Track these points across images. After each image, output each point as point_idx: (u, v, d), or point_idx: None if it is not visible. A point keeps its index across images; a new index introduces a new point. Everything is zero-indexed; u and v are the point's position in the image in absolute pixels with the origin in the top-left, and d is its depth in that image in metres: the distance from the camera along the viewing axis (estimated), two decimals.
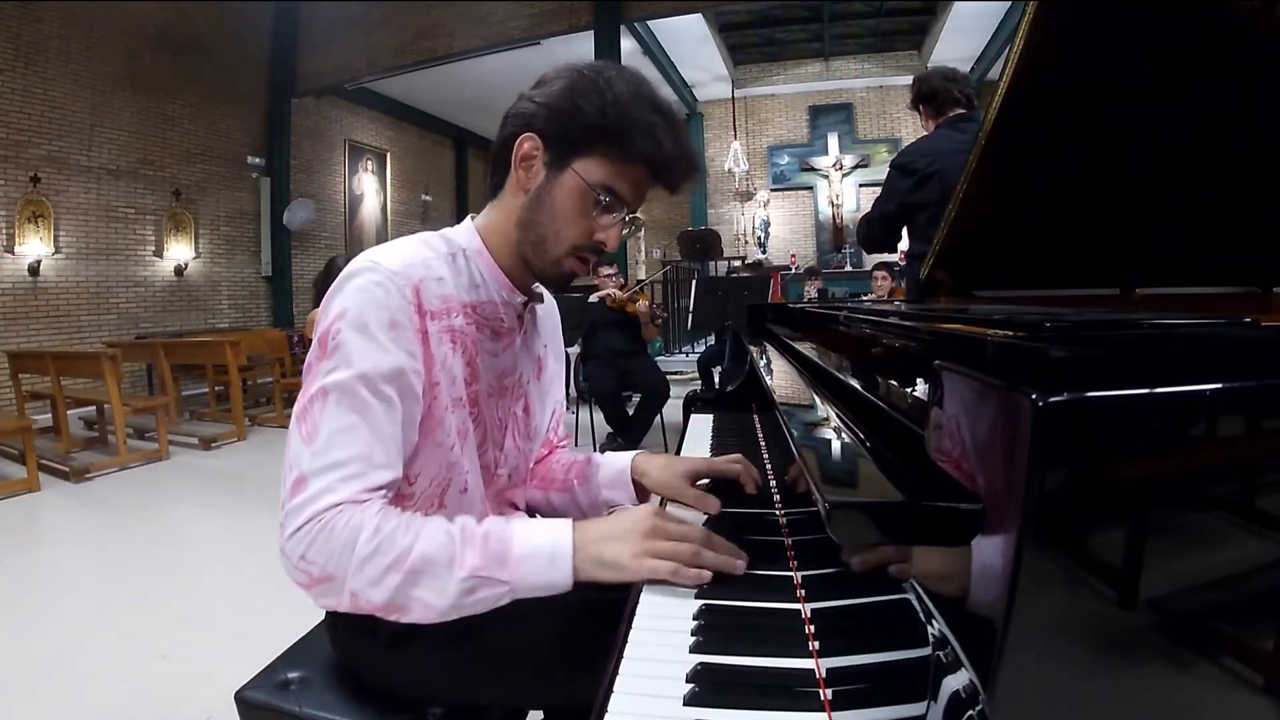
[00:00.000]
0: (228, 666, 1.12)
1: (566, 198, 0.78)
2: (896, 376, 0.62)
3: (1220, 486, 0.34)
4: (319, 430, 0.68)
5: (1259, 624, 0.34)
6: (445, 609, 0.67)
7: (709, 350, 5.31)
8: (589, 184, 0.77)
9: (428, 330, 0.76)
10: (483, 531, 0.69)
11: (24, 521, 3.46)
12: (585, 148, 0.77)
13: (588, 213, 0.79)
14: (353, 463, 0.68)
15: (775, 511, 0.88)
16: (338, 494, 0.67)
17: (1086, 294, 1.10)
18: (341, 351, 0.70)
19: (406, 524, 0.68)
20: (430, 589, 0.66)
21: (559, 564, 0.68)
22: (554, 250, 0.81)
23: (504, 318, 0.86)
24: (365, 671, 0.84)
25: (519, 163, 0.79)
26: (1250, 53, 0.74)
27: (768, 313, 1.86)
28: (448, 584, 0.66)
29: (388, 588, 0.66)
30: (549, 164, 0.78)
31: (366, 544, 0.65)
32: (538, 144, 0.78)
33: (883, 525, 0.45)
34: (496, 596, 0.68)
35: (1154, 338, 0.51)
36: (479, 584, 0.66)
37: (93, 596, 2.48)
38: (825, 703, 0.48)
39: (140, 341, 6.21)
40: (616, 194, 0.79)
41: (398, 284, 0.73)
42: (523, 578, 0.67)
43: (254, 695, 0.86)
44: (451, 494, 0.82)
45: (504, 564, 0.67)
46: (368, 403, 0.70)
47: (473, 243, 0.84)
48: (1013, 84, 0.84)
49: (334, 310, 0.72)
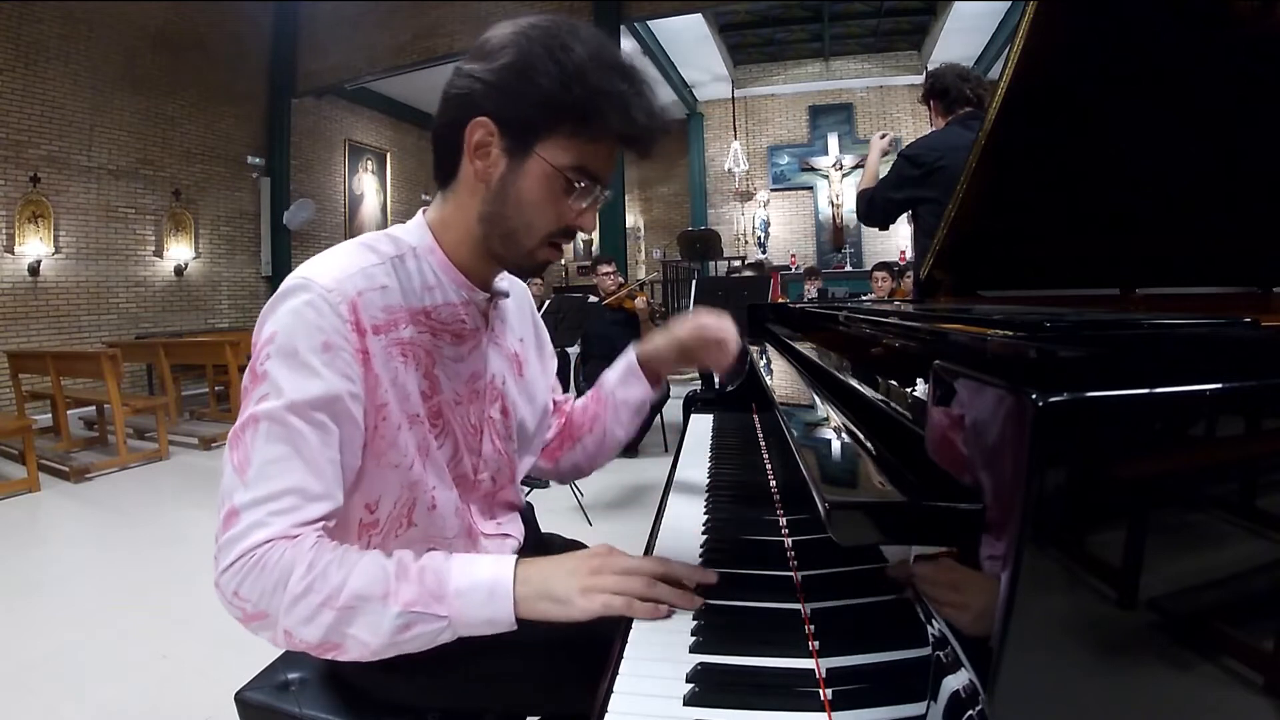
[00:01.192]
0: (228, 666, 1.12)
1: (534, 187, 0.70)
2: (896, 376, 0.62)
3: (1220, 486, 0.34)
4: (250, 460, 0.65)
5: (1259, 624, 0.34)
6: (379, 647, 0.64)
7: None
8: (558, 168, 0.69)
9: (369, 350, 0.70)
10: (419, 566, 0.66)
11: (24, 521, 3.47)
12: (548, 129, 0.68)
13: (560, 199, 0.71)
14: (285, 496, 0.64)
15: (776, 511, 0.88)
16: (269, 529, 0.63)
17: (1086, 294, 1.10)
18: (271, 378, 0.66)
19: (340, 559, 0.64)
20: (364, 626, 0.63)
21: (498, 599, 0.64)
22: (526, 242, 0.74)
23: (465, 319, 0.79)
24: (360, 682, 0.84)
25: (472, 152, 0.70)
26: (1250, 53, 0.74)
27: (768, 313, 1.86)
28: (382, 620, 0.63)
29: (320, 626, 0.63)
30: (508, 151, 0.69)
31: (299, 582, 0.62)
32: (491, 129, 0.69)
33: (883, 525, 0.45)
34: (435, 633, 0.64)
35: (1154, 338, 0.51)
36: (414, 619, 0.63)
37: (93, 596, 2.48)
38: (825, 703, 0.48)
39: (140, 341, 6.21)
40: (590, 174, 0.71)
41: (331, 302, 0.67)
42: (461, 612, 0.64)
43: (254, 696, 0.86)
44: (420, 512, 0.77)
45: (441, 599, 0.64)
46: (300, 431, 0.65)
47: (424, 240, 0.77)
48: (1013, 84, 0.84)
49: (265, 334, 0.67)
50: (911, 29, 9.73)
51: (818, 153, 10.51)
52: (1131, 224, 0.94)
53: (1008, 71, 0.83)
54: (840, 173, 10.37)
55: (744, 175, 10.56)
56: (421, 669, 0.80)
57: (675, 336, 0.95)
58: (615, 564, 0.66)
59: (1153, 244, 0.96)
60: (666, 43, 8.78)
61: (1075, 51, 0.81)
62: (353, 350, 0.68)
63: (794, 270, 9.32)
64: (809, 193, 10.69)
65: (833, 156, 10.38)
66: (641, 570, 0.66)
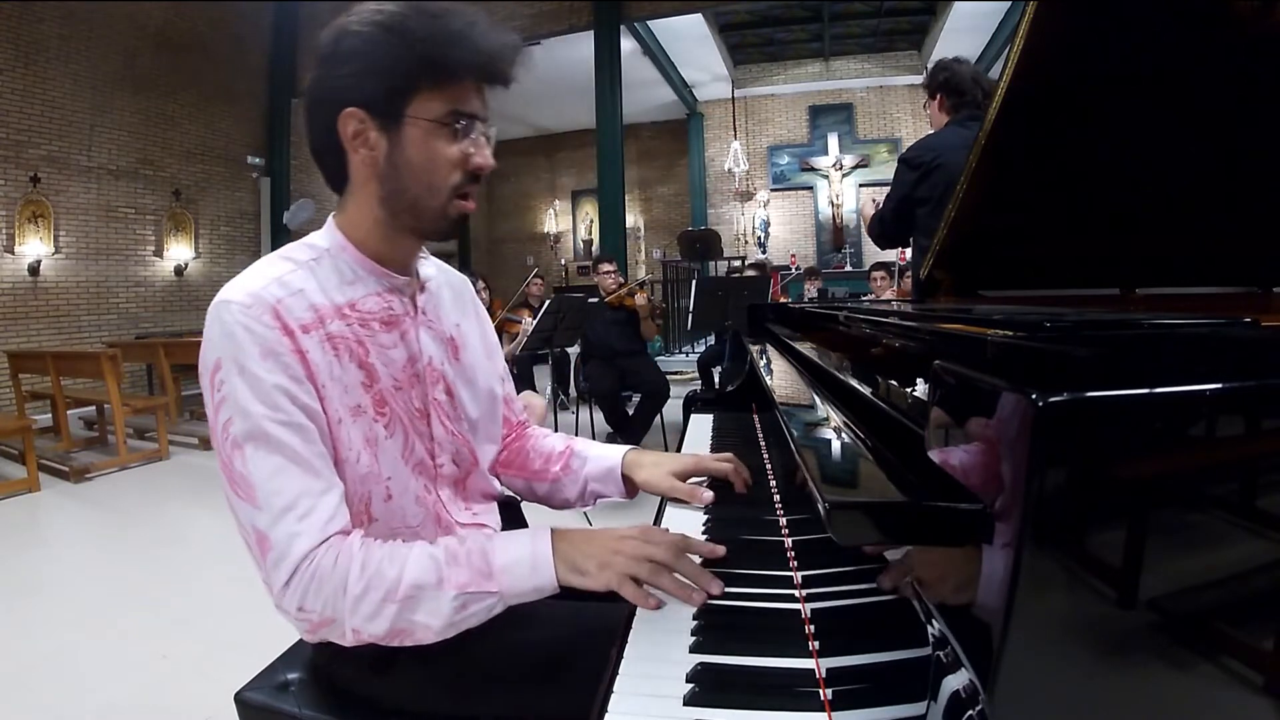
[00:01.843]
0: (228, 666, 1.12)
1: (420, 148, 0.73)
2: (896, 376, 0.62)
3: (1220, 486, 0.34)
4: (253, 483, 0.67)
5: (1259, 624, 0.34)
6: (442, 628, 0.69)
7: (709, 350, 5.31)
8: (434, 120, 0.72)
9: (303, 348, 0.71)
10: (465, 550, 0.71)
11: (24, 521, 3.46)
12: (408, 91, 0.71)
13: (448, 148, 0.73)
14: (300, 500, 0.68)
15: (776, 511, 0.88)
16: (305, 537, 0.67)
17: (1086, 294, 1.10)
18: (231, 400, 0.68)
19: (390, 555, 0.69)
20: (426, 612, 0.68)
21: (541, 568, 0.70)
22: (434, 202, 0.76)
23: (391, 306, 0.80)
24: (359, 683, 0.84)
25: (352, 144, 0.73)
26: (1250, 53, 0.74)
27: (768, 312, 1.86)
28: (441, 604, 0.68)
29: (386, 619, 0.67)
30: (383, 128, 0.72)
31: (357, 583, 0.67)
32: (361, 115, 0.72)
33: (882, 525, 0.45)
34: (489, 607, 0.70)
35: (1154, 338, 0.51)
36: (469, 599, 0.68)
37: (93, 596, 2.48)
38: (825, 703, 0.48)
39: (140, 341, 6.21)
40: (464, 114, 0.73)
41: (255, 314, 0.69)
42: (510, 586, 0.70)
43: (254, 696, 0.86)
44: (377, 505, 0.77)
45: (489, 576, 0.69)
46: (280, 438, 0.68)
47: (335, 241, 0.79)
48: (1013, 84, 0.84)
49: (209, 361, 0.70)
50: (911, 29, 9.73)
51: (818, 153, 10.51)
52: (1131, 224, 0.94)
53: (1008, 71, 0.83)
54: (840, 173, 10.37)
55: (744, 175, 10.56)
56: (421, 670, 0.80)
57: (672, 475, 0.94)
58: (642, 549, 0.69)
59: (1153, 244, 0.96)
60: (666, 43, 8.78)
61: (1075, 51, 0.81)
62: (289, 350, 0.70)
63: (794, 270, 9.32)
64: (809, 193, 10.69)
65: (833, 156, 10.38)
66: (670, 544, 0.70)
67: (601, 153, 7.40)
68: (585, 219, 11.82)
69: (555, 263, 11.87)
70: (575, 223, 11.99)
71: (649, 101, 10.19)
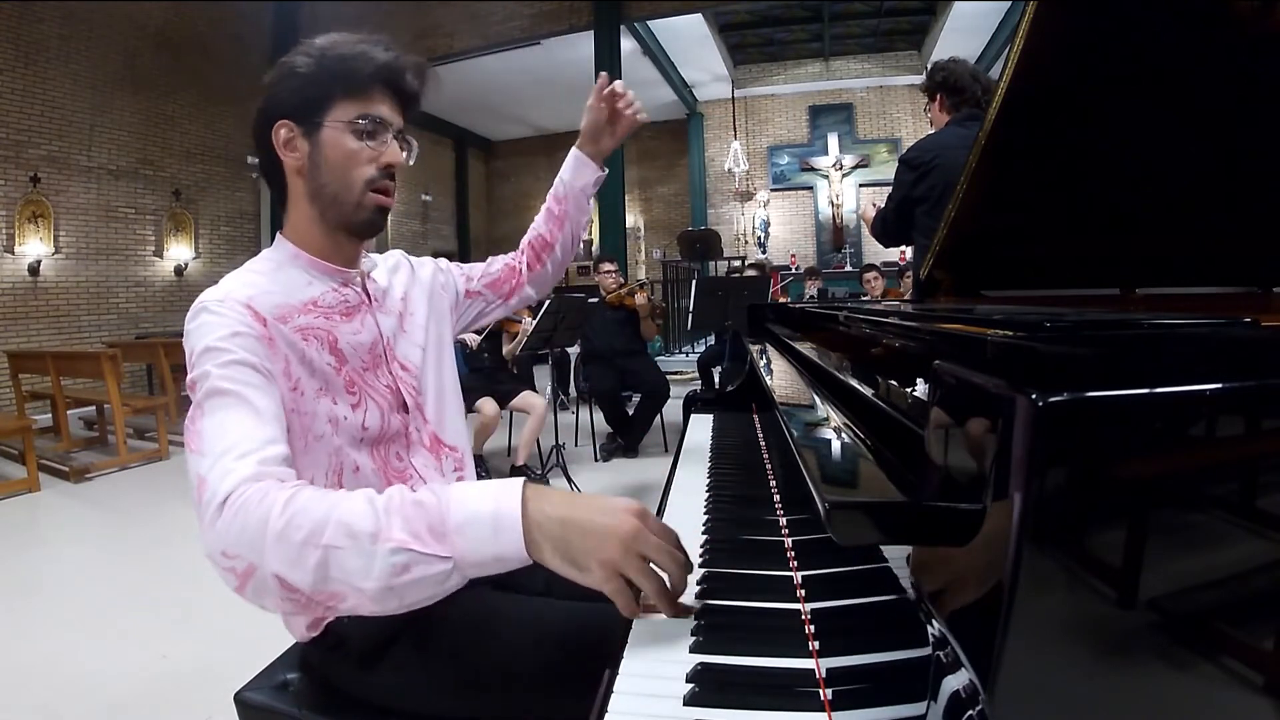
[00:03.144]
0: (228, 666, 1.12)
1: (335, 147, 0.83)
2: (896, 376, 0.62)
3: (1220, 486, 0.34)
4: (202, 434, 0.66)
5: (1259, 624, 0.34)
6: (377, 592, 0.57)
7: (709, 350, 5.32)
8: (345, 123, 0.83)
9: (272, 335, 0.78)
10: (413, 499, 0.60)
11: (24, 521, 3.47)
12: (325, 100, 0.83)
13: (360, 148, 0.84)
14: (241, 442, 0.65)
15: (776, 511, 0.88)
16: (236, 474, 0.62)
17: (1086, 294, 1.10)
18: (201, 372, 0.71)
19: (323, 495, 0.61)
20: (355, 569, 0.57)
21: (504, 533, 0.57)
22: (350, 196, 0.85)
23: (348, 297, 0.90)
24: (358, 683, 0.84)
25: (283, 150, 0.84)
26: (1250, 53, 0.74)
27: (768, 312, 1.86)
28: (373, 561, 0.57)
29: (307, 568, 0.57)
30: (306, 134, 0.84)
31: (278, 518, 0.58)
32: (289, 125, 0.83)
33: (883, 525, 0.45)
34: (440, 576, 0.57)
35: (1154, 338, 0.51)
36: (412, 559, 0.57)
37: (93, 596, 2.48)
38: (825, 703, 0.48)
39: (140, 341, 6.21)
40: (373, 117, 0.84)
41: (227, 306, 0.76)
42: (465, 551, 0.57)
43: (253, 696, 0.86)
44: (347, 477, 0.83)
45: (442, 536, 0.57)
46: (236, 392, 0.70)
47: (286, 250, 0.89)
48: (1013, 84, 0.84)
49: (189, 350, 0.75)
50: (911, 29, 9.74)
51: (818, 153, 10.52)
52: (1131, 224, 0.94)
53: (1008, 71, 0.83)
54: (840, 173, 10.38)
55: (744, 175, 10.57)
56: (420, 669, 0.80)
57: (586, 109, 1.13)
58: (650, 543, 0.58)
59: (1153, 244, 0.96)
60: (666, 43, 8.78)
61: (1075, 51, 0.81)
62: (257, 336, 0.76)
63: (794, 270, 9.32)
64: (809, 193, 10.70)
65: (833, 156, 10.39)
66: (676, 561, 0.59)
67: None
68: None
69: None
70: None
71: (649, 101, 10.07)
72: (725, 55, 9.73)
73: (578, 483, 3.27)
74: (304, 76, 0.82)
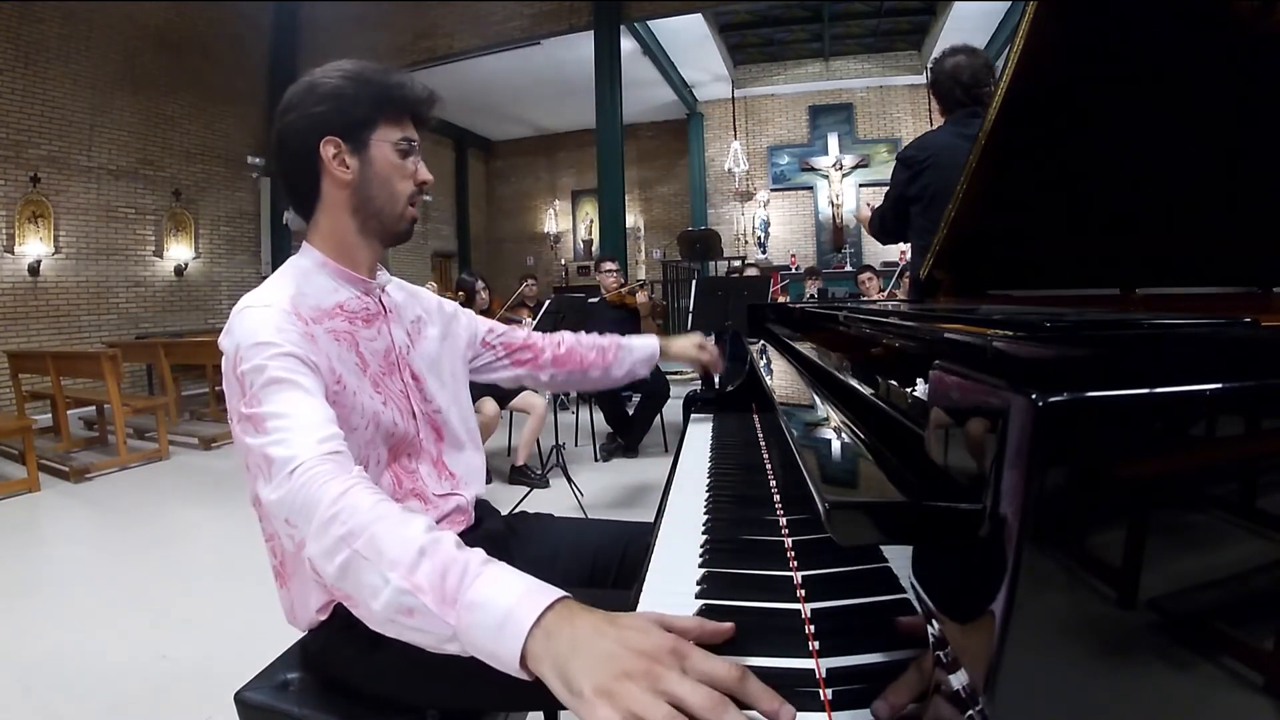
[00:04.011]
0: (228, 666, 1.12)
1: (386, 164, 0.92)
2: (896, 376, 0.62)
3: (1220, 486, 0.34)
4: (263, 417, 0.72)
5: (1259, 624, 0.34)
6: (380, 615, 0.57)
7: None
8: (392, 144, 0.92)
9: (313, 333, 0.84)
10: (455, 553, 0.58)
11: (24, 521, 3.47)
12: (371, 122, 0.91)
13: (403, 166, 0.93)
14: (307, 422, 0.72)
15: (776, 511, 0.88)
16: (306, 447, 0.68)
17: (1087, 294, 1.10)
18: (252, 366, 0.76)
19: (376, 502, 0.62)
20: (368, 584, 0.57)
21: (506, 638, 0.52)
22: (396, 208, 0.94)
23: (368, 305, 0.97)
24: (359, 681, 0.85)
25: (332, 164, 0.90)
26: (1250, 53, 0.74)
27: (768, 312, 1.85)
28: (385, 588, 0.56)
29: (336, 563, 0.59)
30: (355, 151, 0.90)
31: (330, 506, 0.62)
32: (338, 143, 0.89)
33: (882, 525, 0.45)
34: (440, 637, 0.55)
35: (1154, 338, 0.51)
36: (418, 609, 0.55)
37: (93, 596, 2.48)
38: (825, 703, 0.48)
39: (140, 341, 6.22)
40: (411, 139, 0.94)
41: (272, 310, 0.82)
42: (468, 629, 0.54)
43: (254, 696, 0.86)
44: (372, 471, 0.88)
45: (452, 604, 0.55)
46: (294, 381, 0.75)
47: (315, 258, 0.95)
48: (1013, 84, 0.84)
49: (231, 348, 0.79)
50: (911, 29, 9.74)
51: (818, 153, 10.51)
52: (1131, 224, 0.94)
53: (1008, 71, 0.83)
54: (840, 173, 10.37)
55: (744, 175, 10.56)
56: (419, 668, 0.80)
57: (697, 358, 1.38)
58: (668, 679, 0.45)
59: (1153, 244, 0.96)
60: (666, 43, 8.78)
61: (1075, 51, 0.81)
62: (300, 333, 0.81)
63: (794, 270, 9.32)
64: (809, 193, 10.69)
65: (833, 156, 10.38)
66: (715, 680, 0.45)
67: (601, 153, 7.40)
68: (585, 219, 11.82)
69: (555, 263, 11.87)
70: (575, 223, 11.99)
71: (649, 101, 10.19)
72: (725, 55, 9.73)
73: (578, 483, 3.27)
74: (350, 98, 0.89)
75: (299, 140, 0.89)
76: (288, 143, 0.90)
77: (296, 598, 0.87)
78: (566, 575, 1.02)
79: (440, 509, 0.96)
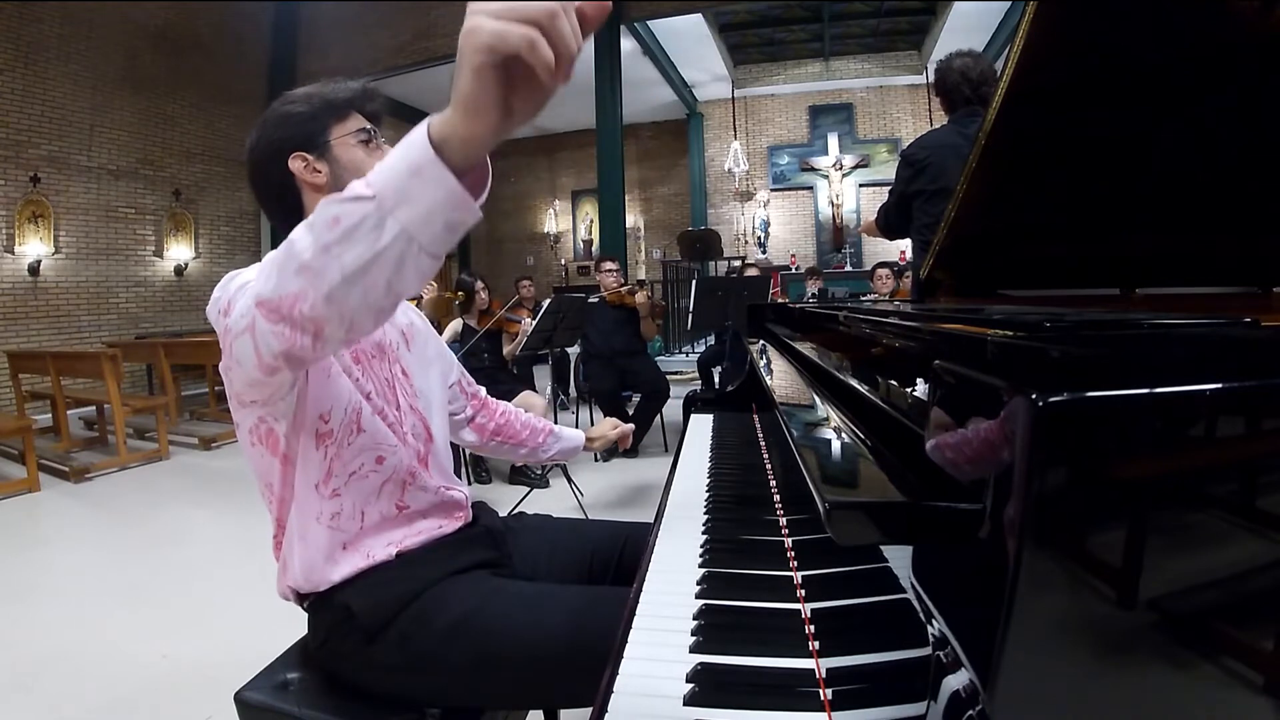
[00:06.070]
0: (228, 666, 1.12)
1: (351, 156, 0.95)
2: (896, 376, 0.62)
3: (1220, 486, 0.34)
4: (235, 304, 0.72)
5: (1259, 624, 0.34)
6: (315, 254, 0.57)
7: (709, 350, 5.32)
8: (350, 134, 0.96)
9: None
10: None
11: (24, 521, 3.46)
12: (324, 127, 0.95)
13: (369, 153, 0.96)
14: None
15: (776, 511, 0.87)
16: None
17: (1087, 294, 1.10)
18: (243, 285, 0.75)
19: None
20: (300, 239, 0.58)
21: (412, 140, 0.54)
22: None
23: None
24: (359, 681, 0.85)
25: (306, 174, 0.94)
26: (1250, 53, 0.74)
27: (768, 312, 1.86)
28: (314, 226, 0.57)
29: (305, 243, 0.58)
30: (320, 156, 0.95)
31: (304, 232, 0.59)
32: (303, 156, 0.94)
33: (882, 525, 0.45)
34: (362, 215, 0.54)
35: (1154, 338, 0.51)
36: (340, 211, 0.55)
37: (93, 596, 2.48)
38: (825, 703, 0.48)
39: (140, 341, 6.21)
40: (366, 127, 0.97)
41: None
42: (384, 182, 0.54)
43: (254, 696, 0.86)
44: (365, 418, 0.89)
45: (368, 185, 0.55)
46: None
47: None
48: (1013, 84, 0.84)
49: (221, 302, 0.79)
50: (911, 29, 9.73)
51: (818, 153, 10.50)
52: (1131, 224, 0.94)
53: (1008, 71, 0.83)
54: (840, 173, 10.36)
55: (744, 175, 10.56)
56: (420, 667, 0.80)
57: (609, 436, 1.34)
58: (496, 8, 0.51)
59: (1153, 244, 0.96)
60: (666, 43, 8.77)
61: (1075, 51, 0.81)
62: None
63: (794, 270, 9.32)
64: (809, 193, 10.68)
65: (833, 156, 10.37)
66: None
67: (601, 153, 7.40)
68: (585, 219, 11.81)
69: (555, 263, 11.86)
70: (575, 223, 11.98)
71: (649, 101, 10.18)
72: (725, 55, 9.72)
73: (578, 483, 3.27)
74: (302, 115, 0.95)
75: (271, 164, 0.94)
76: (262, 169, 0.96)
77: (300, 558, 0.85)
78: (564, 573, 1.02)
79: (442, 497, 0.97)
